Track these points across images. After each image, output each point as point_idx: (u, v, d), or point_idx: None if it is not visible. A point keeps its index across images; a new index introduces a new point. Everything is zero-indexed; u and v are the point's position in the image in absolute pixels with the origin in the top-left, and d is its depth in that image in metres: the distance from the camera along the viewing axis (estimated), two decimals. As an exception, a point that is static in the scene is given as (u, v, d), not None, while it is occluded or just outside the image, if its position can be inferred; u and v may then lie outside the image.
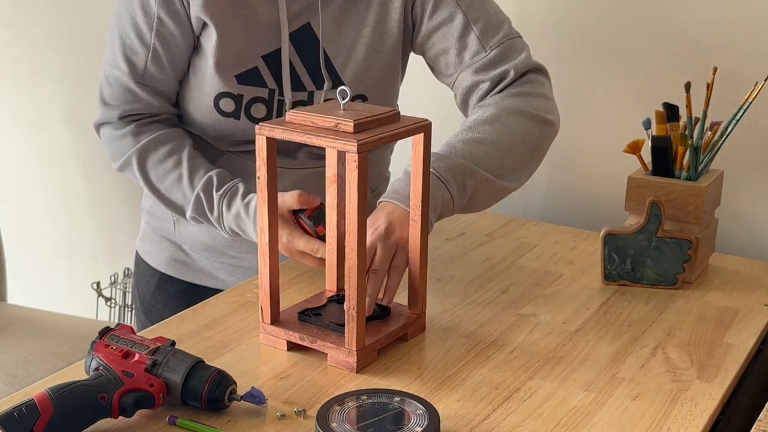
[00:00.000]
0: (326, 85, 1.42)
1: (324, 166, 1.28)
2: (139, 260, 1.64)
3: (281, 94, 1.42)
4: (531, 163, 1.42)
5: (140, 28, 1.38)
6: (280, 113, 1.43)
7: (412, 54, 1.51)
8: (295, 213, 1.28)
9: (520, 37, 1.47)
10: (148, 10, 1.37)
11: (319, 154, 1.46)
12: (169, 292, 1.57)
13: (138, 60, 1.39)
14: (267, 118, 1.42)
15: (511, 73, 1.42)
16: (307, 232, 1.28)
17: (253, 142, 1.41)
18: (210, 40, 1.38)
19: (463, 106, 1.48)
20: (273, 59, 1.41)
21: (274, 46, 1.40)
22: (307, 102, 1.43)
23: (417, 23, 1.45)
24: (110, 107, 1.43)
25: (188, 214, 1.40)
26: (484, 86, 1.43)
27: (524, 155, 1.39)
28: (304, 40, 1.41)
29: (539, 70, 1.47)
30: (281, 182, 1.40)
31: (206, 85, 1.41)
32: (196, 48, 1.41)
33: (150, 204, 1.59)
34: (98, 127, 1.47)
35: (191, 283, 1.56)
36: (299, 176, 1.46)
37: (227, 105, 1.41)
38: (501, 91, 1.43)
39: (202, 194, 1.39)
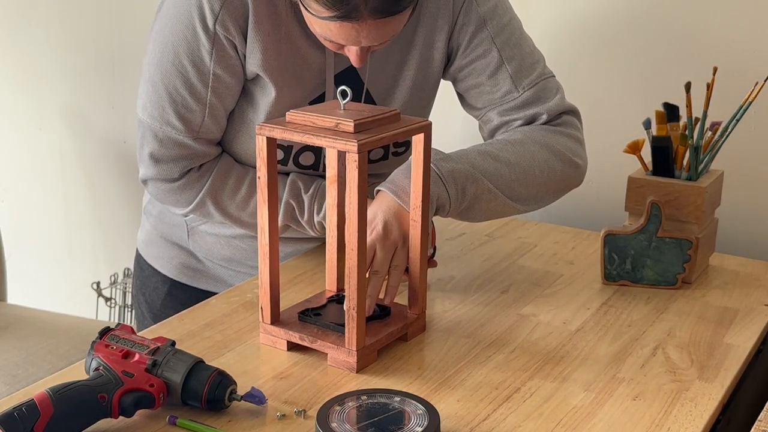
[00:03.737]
0: None
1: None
2: (143, 264, 1.62)
3: None
4: (545, 196, 1.40)
5: (194, 85, 1.31)
6: (323, 159, 1.40)
7: None
8: None
9: (554, 76, 1.45)
10: (202, 66, 1.30)
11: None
12: (181, 300, 1.53)
13: (194, 117, 1.33)
14: (315, 165, 1.41)
15: (544, 116, 1.41)
16: None
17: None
18: (266, 96, 1.34)
19: (489, 138, 1.46)
20: (318, 103, 1.35)
21: (319, 90, 1.37)
22: None
23: (452, 56, 1.42)
24: (164, 164, 1.36)
25: (279, 224, 1.35)
26: (515, 123, 1.42)
27: (538, 186, 1.37)
28: (348, 82, 1.35)
29: (572, 112, 1.45)
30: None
31: (254, 134, 1.37)
32: (244, 94, 1.37)
33: (158, 209, 1.56)
34: (147, 181, 1.41)
35: (205, 290, 1.53)
36: None
37: (276, 153, 1.39)
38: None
39: (292, 201, 1.38)
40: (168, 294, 1.57)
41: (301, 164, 1.40)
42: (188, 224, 1.51)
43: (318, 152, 1.40)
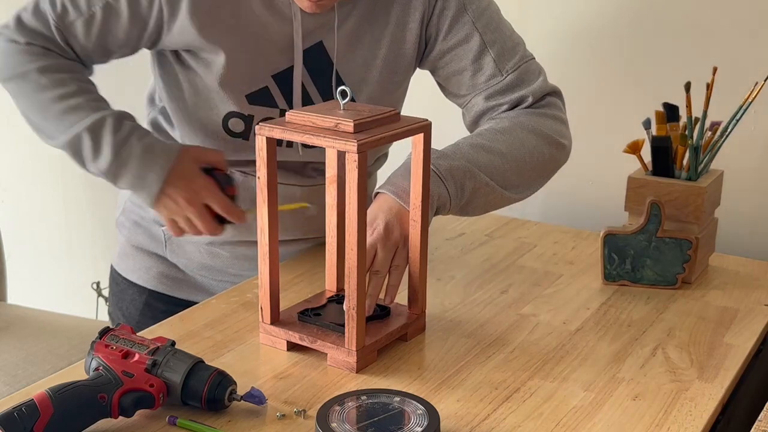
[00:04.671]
0: None
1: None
2: (118, 279, 1.59)
3: None
4: (536, 181, 1.41)
5: None
6: None
7: None
8: (207, 170, 1.32)
9: (534, 59, 1.45)
10: None
11: (322, 170, 1.45)
12: (160, 309, 1.51)
13: (72, 12, 1.32)
14: (245, 134, 1.40)
15: (530, 99, 1.41)
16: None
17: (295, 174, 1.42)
18: (216, 58, 1.34)
19: (473, 126, 1.46)
20: (284, 79, 1.37)
21: (285, 64, 1.37)
22: None
23: (431, 42, 1.42)
24: (22, 31, 1.33)
25: (60, 142, 1.32)
26: (501, 108, 1.42)
27: (530, 172, 1.38)
28: (316, 59, 1.37)
29: (555, 93, 1.46)
30: (292, 200, 1.40)
31: (214, 105, 1.38)
32: (194, 59, 1.37)
33: (132, 221, 1.54)
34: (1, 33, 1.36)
35: (185, 300, 1.50)
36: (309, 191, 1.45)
37: (237, 125, 1.39)
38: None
39: (87, 135, 1.30)
40: (146, 305, 1.55)
41: (231, 130, 1.39)
42: (165, 234, 1.49)
43: (249, 123, 1.39)
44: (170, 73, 1.42)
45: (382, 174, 1.46)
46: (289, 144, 1.41)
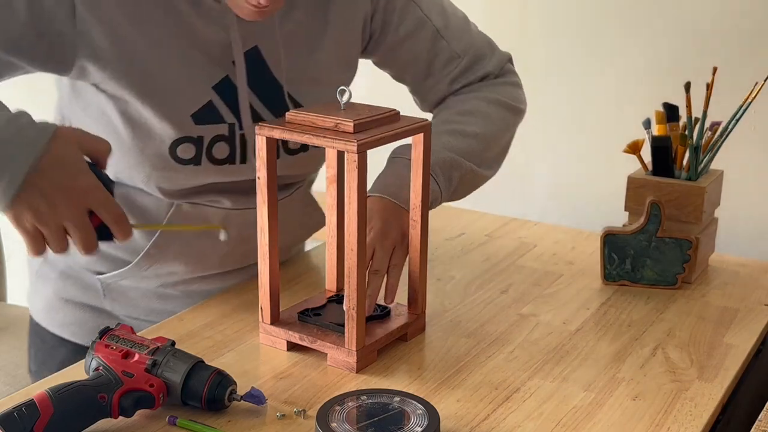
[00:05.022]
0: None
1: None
2: (45, 335, 1.41)
3: (241, 127, 1.25)
4: (504, 152, 1.43)
5: None
6: (244, 151, 1.26)
7: None
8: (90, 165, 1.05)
9: (479, 30, 1.45)
10: None
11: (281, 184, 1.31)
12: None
13: None
14: (230, 158, 1.26)
15: (492, 75, 1.42)
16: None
17: (217, 184, 1.27)
18: (148, 78, 1.16)
19: (434, 108, 1.45)
20: (225, 89, 1.22)
21: (221, 73, 1.22)
22: None
23: (376, 36, 1.37)
24: None
25: None
26: (465, 89, 1.42)
27: (501, 145, 1.41)
28: (253, 64, 1.24)
29: (509, 60, 1.47)
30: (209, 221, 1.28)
31: (155, 134, 1.20)
32: (114, 96, 1.19)
33: (59, 269, 1.37)
34: None
35: None
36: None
37: (186, 151, 1.22)
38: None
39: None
40: (69, 358, 1.30)
41: (216, 158, 1.25)
42: (103, 282, 1.34)
43: (232, 143, 1.25)
44: (90, 103, 1.23)
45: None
46: (243, 160, 1.27)
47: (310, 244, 1.55)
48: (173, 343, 1.07)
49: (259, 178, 1.15)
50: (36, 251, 1.03)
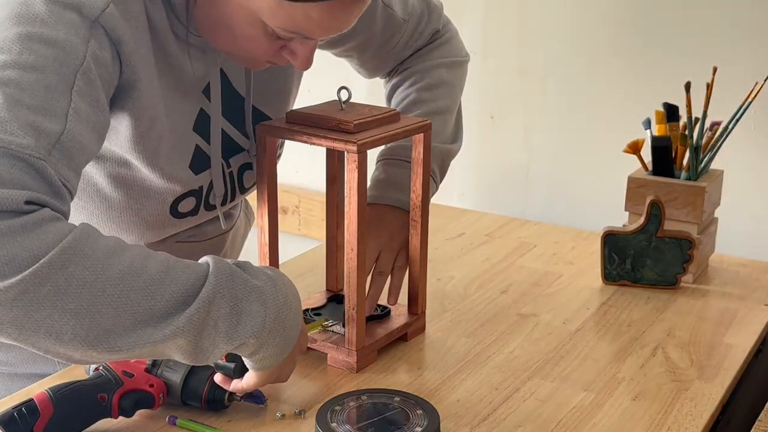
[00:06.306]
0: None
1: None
2: None
3: (228, 165, 1.18)
4: (460, 110, 1.42)
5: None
6: (233, 186, 1.20)
7: None
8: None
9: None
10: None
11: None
12: None
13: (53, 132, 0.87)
14: (225, 199, 1.20)
15: (439, 33, 1.39)
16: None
17: (204, 222, 1.22)
18: (154, 133, 1.05)
19: (385, 75, 1.41)
20: (201, 125, 1.12)
21: (194, 110, 1.11)
22: (250, 163, 1.20)
23: (336, 39, 1.26)
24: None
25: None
26: (419, 52, 1.39)
27: (458, 103, 1.40)
28: (222, 91, 1.14)
29: (441, 14, 1.40)
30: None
31: (154, 195, 1.11)
32: (120, 163, 1.08)
33: None
34: None
35: None
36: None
37: (187, 205, 1.15)
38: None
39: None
40: None
41: (212, 204, 1.18)
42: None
43: (225, 183, 1.18)
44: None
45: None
46: (233, 197, 1.22)
47: (310, 244, 1.55)
48: (173, 343, 1.07)
49: (259, 178, 1.15)
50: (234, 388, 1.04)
